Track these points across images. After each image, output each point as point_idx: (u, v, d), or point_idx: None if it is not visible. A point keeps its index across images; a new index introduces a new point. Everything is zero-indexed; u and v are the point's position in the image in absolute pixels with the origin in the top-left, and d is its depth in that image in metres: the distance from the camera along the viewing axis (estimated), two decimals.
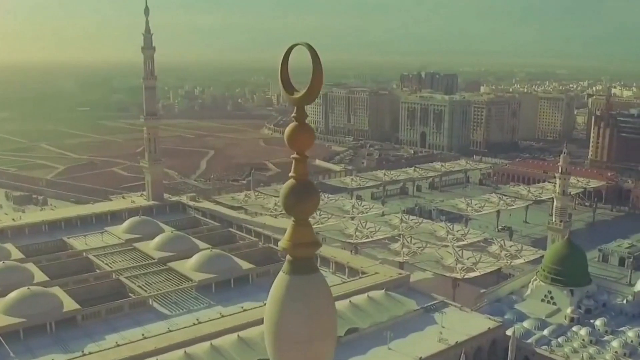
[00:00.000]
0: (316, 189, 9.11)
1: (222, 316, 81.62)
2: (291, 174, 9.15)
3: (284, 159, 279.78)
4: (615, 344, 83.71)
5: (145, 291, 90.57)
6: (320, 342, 9.11)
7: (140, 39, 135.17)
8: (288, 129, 9.01)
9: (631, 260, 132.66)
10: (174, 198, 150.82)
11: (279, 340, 9.06)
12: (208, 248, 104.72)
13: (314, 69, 8.72)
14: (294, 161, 9.15)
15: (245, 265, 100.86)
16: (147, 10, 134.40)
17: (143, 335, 74.76)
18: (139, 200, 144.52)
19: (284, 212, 9.38)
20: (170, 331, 76.30)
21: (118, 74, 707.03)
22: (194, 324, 78.62)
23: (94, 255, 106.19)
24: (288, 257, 9.42)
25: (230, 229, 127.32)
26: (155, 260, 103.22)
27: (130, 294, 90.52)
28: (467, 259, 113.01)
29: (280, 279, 9.43)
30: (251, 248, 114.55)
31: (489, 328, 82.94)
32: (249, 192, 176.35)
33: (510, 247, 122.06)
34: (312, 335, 9.02)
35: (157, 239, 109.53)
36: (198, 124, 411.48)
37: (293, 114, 9.02)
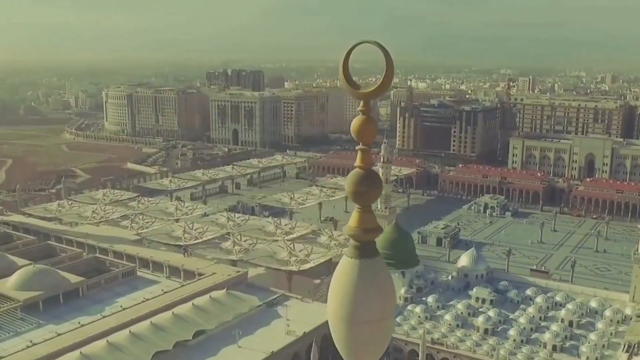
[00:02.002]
0: (380, 178, 9.70)
1: (58, 335, 76.77)
2: (358, 163, 9.62)
3: (92, 165, 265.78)
4: (447, 317, 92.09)
5: None
6: (389, 320, 9.70)
7: None
8: (355, 122, 9.52)
9: (448, 239, 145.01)
10: None
11: (352, 321, 9.44)
12: (29, 264, 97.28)
13: (386, 65, 9.30)
14: (360, 152, 9.64)
15: (73, 278, 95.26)
16: None
17: None
18: None
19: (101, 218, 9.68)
20: (1, 358, 70.04)
21: None
22: (28, 347, 73.08)
23: None
24: (353, 242, 9.81)
25: (49, 242, 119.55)
26: None
27: None
28: (300, 251, 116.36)
29: (348, 264, 9.77)
30: (76, 260, 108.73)
31: None
32: (61, 201, 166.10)
33: (339, 236, 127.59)
34: (384, 314, 9.57)
35: None
36: None
37: (360, 108, 9.54)
